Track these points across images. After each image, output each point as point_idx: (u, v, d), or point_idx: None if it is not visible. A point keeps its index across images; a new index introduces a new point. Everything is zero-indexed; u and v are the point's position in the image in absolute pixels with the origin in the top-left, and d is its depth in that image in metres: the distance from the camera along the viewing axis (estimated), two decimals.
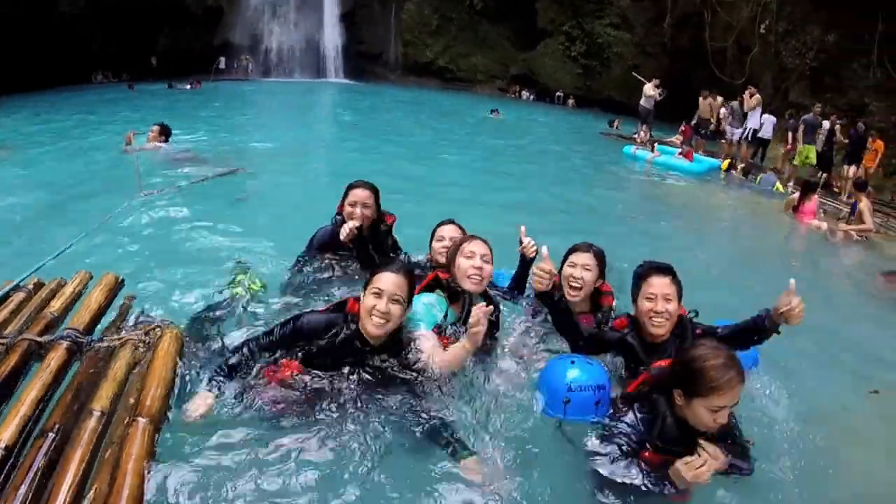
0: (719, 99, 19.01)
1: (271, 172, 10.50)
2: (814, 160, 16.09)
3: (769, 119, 17.38)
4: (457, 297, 3.84)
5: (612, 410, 3.28)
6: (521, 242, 4.27)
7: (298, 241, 5.15)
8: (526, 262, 4.36)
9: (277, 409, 3.11)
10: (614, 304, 4.35)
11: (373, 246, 4.66)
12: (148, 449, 2.41)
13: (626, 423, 3.03)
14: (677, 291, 3.58)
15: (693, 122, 19.46)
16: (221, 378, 3.11)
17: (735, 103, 17.85)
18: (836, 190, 15.43)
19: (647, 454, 2.93)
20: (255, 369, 3.25)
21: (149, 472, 2.37)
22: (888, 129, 16.67)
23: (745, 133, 17.65)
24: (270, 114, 21.68)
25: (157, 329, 3.21)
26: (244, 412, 3.10)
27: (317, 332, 3.22)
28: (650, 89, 20.15)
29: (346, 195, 4.75)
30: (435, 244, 4.51)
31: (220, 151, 12.05)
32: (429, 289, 3.86)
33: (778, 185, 15.29)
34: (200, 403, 2.93)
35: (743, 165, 16.85)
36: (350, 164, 12.71)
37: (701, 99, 19.10)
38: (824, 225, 11.07)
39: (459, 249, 3.82)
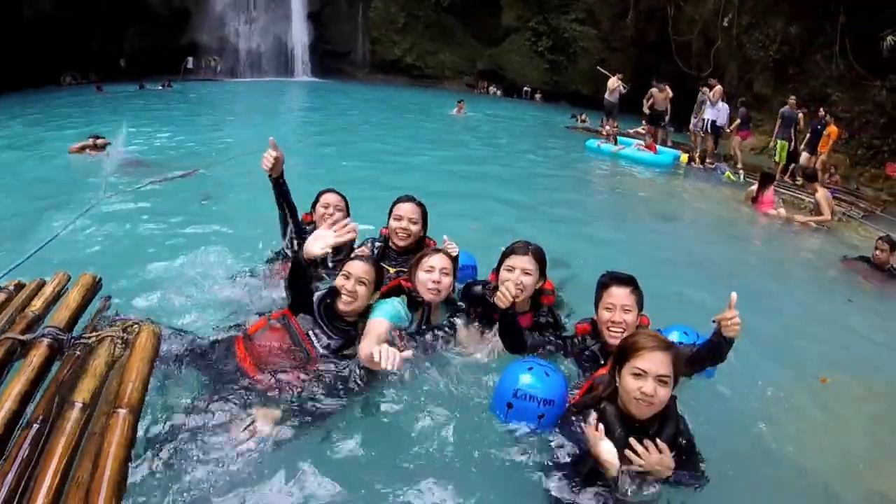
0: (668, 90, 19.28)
1: (233, 173, 10.47)
2: (784, 157, 16.37)
3: (724, 108, 17.64)
4: (417, 306, 4.00)
5: (562, 422, 3.28)
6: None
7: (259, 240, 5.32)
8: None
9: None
10: (554, 301, 4.35)
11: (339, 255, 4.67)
12: (128, 437, 2.50)
13: (577, 436, 3.08)
14: (637, 301, 3.68)
15: (648, 113, 19.69)
16: None
17: (713, 92, 18.03)
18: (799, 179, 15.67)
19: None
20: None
21: (129, 459, 2.46)
22: (852, 120, 17.03)
23: (704, 125, 17.89)
24: (235, 114, 21.48)
25: (135, 326, 3.31)
26: (218, 395, 3.27)
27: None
28: (614, 83, 20.34)
29: (317, 200, 4.91)
30: (392, 222, 4.59)
31: (175, 155, 12.04)
32: (391, 293, 4.00)
33: (728, 173, 15.70)
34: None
35: (698, 154, 17.27)
36: (313, 163, 12.75)
37: (657, 91, 19.25)
38: (782, 212, 11.29)
39: (420, 263, 3.98)
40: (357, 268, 3.68)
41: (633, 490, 2.85)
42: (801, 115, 16.04)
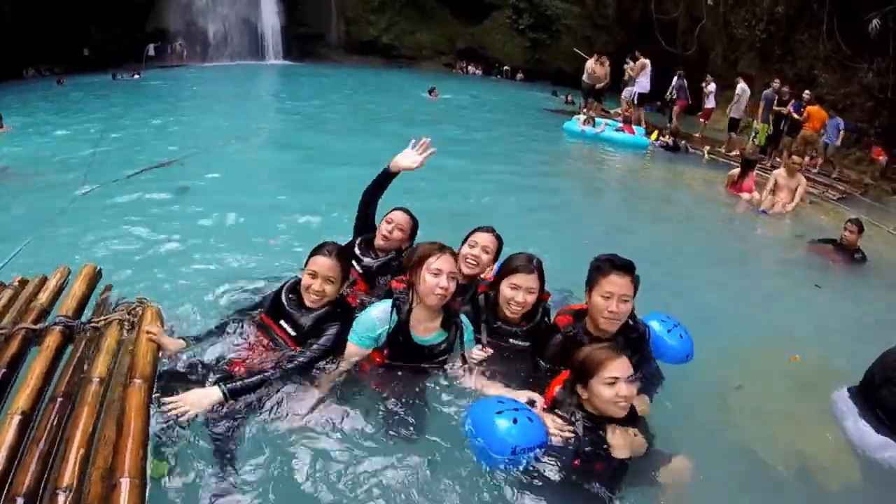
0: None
1: (201, 165, 10.83)
2: (763, 140, 16.99)
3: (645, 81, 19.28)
4: (399, 310, 3.80)
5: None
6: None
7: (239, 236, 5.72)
8: None
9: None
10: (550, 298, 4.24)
11: (381, 270, 4.74)
12: (146, 402, 2.90)
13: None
14: (634, 290, 3.64)
15: (599, 87, 20.87)
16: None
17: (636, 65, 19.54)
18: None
19: (574, 462, 3.15)
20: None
21: (148, 420, 2.85)
22: (837, 101, 17.41)
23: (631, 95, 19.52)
24: (196, 103, 21.29)
25: (138, 307, 3.74)
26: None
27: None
28: (592, 65, 20.91)
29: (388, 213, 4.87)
30: (465, 248, 4.40)
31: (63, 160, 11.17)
32: (386, 296, 3.96)
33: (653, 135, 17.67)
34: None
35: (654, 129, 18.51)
36: (280, 154, 13.30)
37: (615, 63, 20.55)
38: (756, 196, 11.66)
39: (425, 263, 3.68)
40: (322, 265, 3.74)
41: None
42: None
